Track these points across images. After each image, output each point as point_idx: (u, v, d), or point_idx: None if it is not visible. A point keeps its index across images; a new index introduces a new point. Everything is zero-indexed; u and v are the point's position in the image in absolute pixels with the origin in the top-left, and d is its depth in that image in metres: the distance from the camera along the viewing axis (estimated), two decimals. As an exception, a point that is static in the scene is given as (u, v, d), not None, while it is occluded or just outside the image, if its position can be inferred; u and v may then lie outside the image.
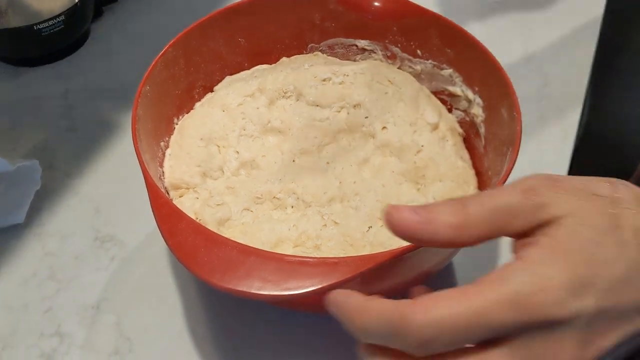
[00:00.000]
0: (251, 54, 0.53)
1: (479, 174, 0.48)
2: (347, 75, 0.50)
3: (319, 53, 0.54)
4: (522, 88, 0.45)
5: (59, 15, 0.59)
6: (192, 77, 0.50)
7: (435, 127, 0.49)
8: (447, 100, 0.52)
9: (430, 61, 0.51)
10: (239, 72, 0.53)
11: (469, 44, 0.47)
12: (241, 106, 0.50)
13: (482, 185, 0.47)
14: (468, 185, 0.47)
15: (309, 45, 0.54)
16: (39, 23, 0.59)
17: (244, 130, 0.49)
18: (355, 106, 0.50)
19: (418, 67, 0.52)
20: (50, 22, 0.59)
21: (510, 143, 0.42)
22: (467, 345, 0.28)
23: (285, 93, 0.50)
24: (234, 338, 0.45)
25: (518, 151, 0.40)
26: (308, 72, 0.51)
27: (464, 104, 0.50)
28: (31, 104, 0.60)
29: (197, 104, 0.51)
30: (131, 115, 0.43)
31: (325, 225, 0.44)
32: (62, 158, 0.56)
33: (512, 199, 0.29)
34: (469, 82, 0.49)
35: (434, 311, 0.27)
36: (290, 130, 0.49)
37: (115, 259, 0.49)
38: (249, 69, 0.54)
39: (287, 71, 0.51)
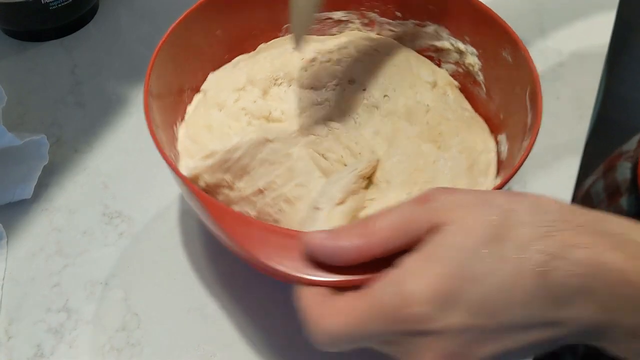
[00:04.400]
0: (228, 45, 0.51)
1: (487, 119, 0.48)
2: (332, 52, 0.50)
3: None
4: (537, 67, 0.44)
5: (66, -11, 0.59)
6: (180, 79, 0.48)
7: (434, 84, 0.49)
8: (434, 57, 0.51)
9: (411, 21, 0.50)
10: (220, 66, 0.51)
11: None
12: (238, 102, 0.47)
13: (496, 128, 0.47)
14: (483, 132, 0.47)
15: (284, 27, 0.52)
16: (47, -4, 0.58)
17: (250, 126, 0.46)
18: (349, 81, 0.49)
19: (399, 29, 0.51)
20: (58, -4, 0.58)
21: (525, 81, 0.42)
22: None
23: (276, 80, 0.48)
24: (243, 315, 0.45)
25: (540, 86, 0.41)
26: (293, 56, 0.49)
27: (454, 56, 0.50)
28: (39, 79, 0.59)
29: (189, 108, 0.49)
30: (142, 94, 0.42)
31: (365, 206, 0.43)
32: (70, 133, 0.55)
33: (407, 208, 0.30)
34: (457, 33, 0.49)
35: (326, 325, 0.29)
36: (294, 119, 0.47)
37: (124, 235, 0.49)
38: (229, 61, 0.51)
39: (271, 57, 0.49)
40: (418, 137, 0.46)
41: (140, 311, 0.45)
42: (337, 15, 0.51)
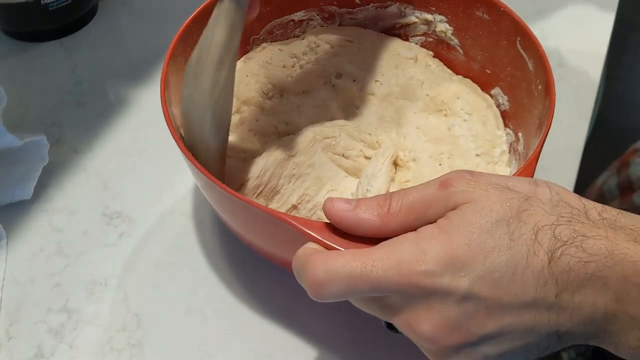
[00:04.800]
0: None
1: (471, 79, 0.50)
2: (307, 53, 0.50)
3: (265, 44, 0.51)
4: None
5: (66, -10, 0.59)
6: None
7: (415, 59, 0.51)
8: (400, 33, 0.53)
9: (371, 5, 0.51)
10: None
11: None
12: (243, 125, 0.47)
13: (486, 84, 0.49)
14: (477, 89, 0.50)
15: (251, 39, 0.51)
16: (47, -3, 0.58)
17: (265, 145, 0.46)
18: (337, 76, 0.50)
19: (360, 16, 0.52)
20: (58, -4, 0.58)
21: (512, 32, 0.45)
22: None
23: (267, 94, 0.48)
24: (243, 316, 0.45)
25: (531, 32, 0.44)
26: (273, 66, 0.49)
27: (421, 28, 0.51)
28: (39, 80, 0.59)
29: None
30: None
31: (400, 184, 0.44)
32: (70, 133, 0.55)
33: (429, 191, 0.31)
34: (422, 6, 0.50)
35: (330, 262, 0.30)
36: (302, 127, 0.47)
37: (124, 236, 0.49)
38: None
39: (251, 73, 0.49)
40: (424, 111, 0.48)
41: (141, 311, 0.45)
42: (298, 15, 0.52)
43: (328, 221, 0.33)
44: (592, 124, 0.57)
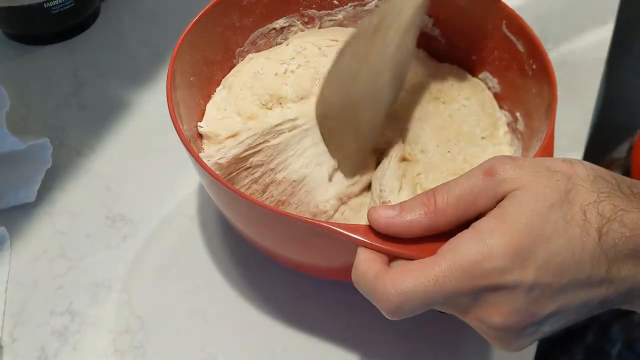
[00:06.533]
0: (196, 88, 0.47)
1: (455, 63, 0.51)
2: (295, 58, 0.50)
3: (251, 55, 0.51)
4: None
5: (69, -7, 0.59)
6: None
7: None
8: None
9: (349, 4, 0.52)
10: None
11: None
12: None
13: (472, 69, 0.51)
14: (466, 74, 0.51)
15: (237, 51, 0.51)
16: (49, 1, 0.58)
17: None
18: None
19: (340, 16, 0.53)
20: (60, 0, 0.59)
21: (497, 17, 0.46)
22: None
23: (266, 105, 0.48)
24: (245, 318, 0.45)
25: (519, 16, 0.45)
26: (265, 76, 0.49)
27: None
28: (41, 82, 0.60)
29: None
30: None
31: (417, 182, 0.45)
32: (73, 136, 0.55)
33: (474, 181, 0.31)
34: None
35: (400, 283, 0.30)
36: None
37: (127, 238, 0.49)
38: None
39: (245, 87, 0.48)
40: (421, 100, 0.49)
41: (144, 314, 0.45)
42: (279, 23, 0.52)
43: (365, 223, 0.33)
44: (592, 126, 0.57)
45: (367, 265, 0.32)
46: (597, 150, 0.63)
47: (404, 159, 0.46)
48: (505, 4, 0.46)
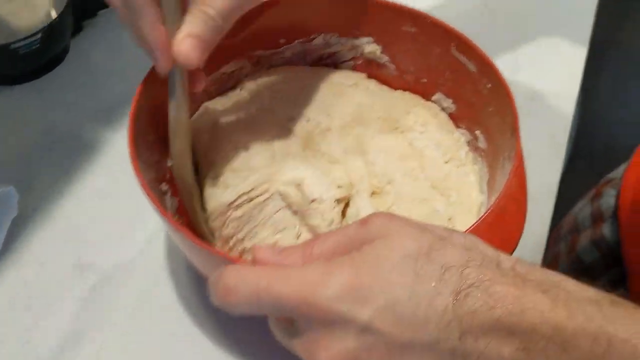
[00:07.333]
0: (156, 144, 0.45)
1: (409, 90, 0.52)
2: (251, 103, 0.49)
3: (206, 103, 0.50)
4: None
5: (35, 34, 0.58)
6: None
7: (355, 85, 0.51)
8: (329, 62, 0.53)
9: (296, 41, 0.51)
10: None
11: (330, 3, 0.49)
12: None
13: (425, 92, 0.51)
14: (420, 99, 0.51)
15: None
16: (15, 42, 0.57)
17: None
18: (289, 120, 0.49)
19: (288, 54, 0.52)
20: (27, 41, 0.58)
21: (444, 40, 0.46)
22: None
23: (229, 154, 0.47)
24: (216, 369, 0.45)
25: (466, 38, 0.46)
26: (225, 124, 0.47)
27: (349, 54, 0.52)
28: (9, 125, 0.59)
29: None
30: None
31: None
32: (42, 180, 0.54)
33: (349, 230, 0.32)
34: (346, 32, 0.50)
35: (242, 271, 0.31)
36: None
37: (96, 287, 0.48)
38: None
39: (205, 136, 0.47)
40: (381, 133, 0.49)
41: (113, 367, 0.44)
42: (229, 67, 0.50)
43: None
44: (566, 160, 0.57)
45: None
46: (573, 179, 0.63)
47: (373, 193, 0.46)
48: (452, 27, 0.46)
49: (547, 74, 0.63)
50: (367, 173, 0.47)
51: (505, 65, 0.63)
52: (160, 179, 0.45)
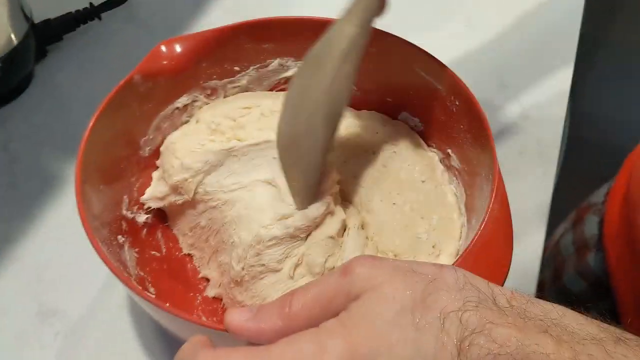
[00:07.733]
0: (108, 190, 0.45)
1: (374, 110, 0.50)
2: (211, 135, 0.47)
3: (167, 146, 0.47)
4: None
5: (-6, 62, 0.55)
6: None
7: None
8: (286, 88, 0.50)
9: (251, 67, 0.49)
10: None
11: (283, 28, 0.47)
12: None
13: (391, 111, 0.49)
14: (386, 118, 0.49)
15: (142, 141, 0.46)
16: (-27, 72, 0.54)
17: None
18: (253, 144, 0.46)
19: (243, 82, 0.50)
20: (-15, 70, 0.55)
21: (407, 58, 0.45)
22: None
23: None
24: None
25: (437, 60, 0.44)
26: (189, 163, 0.45)
27: None
28: (-31, 159, 0.55)
29: None
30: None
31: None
32: (2, 219, 0.51)
33: (330, 281, 0.29)
34: (301, 55, 0.46)
35: (222, 355, 0.28)
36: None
37: (60, 335, 0.45)
38: None
39: (171, 179, 0.45)
40: (353, 157, 0.47)
41: None
42: (182, 101, 0.47)
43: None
44: (557, 174, 0.54)
45: (197, 339, 0.30)
46: (563, 196, 0.60)
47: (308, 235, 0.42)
48: (416, 46, 0.44)
49: (536, 91, 0.60)
50: (349, 203, 0.45)
51: (491, 83, 0.61)
52: (115, 232, 0.43)
